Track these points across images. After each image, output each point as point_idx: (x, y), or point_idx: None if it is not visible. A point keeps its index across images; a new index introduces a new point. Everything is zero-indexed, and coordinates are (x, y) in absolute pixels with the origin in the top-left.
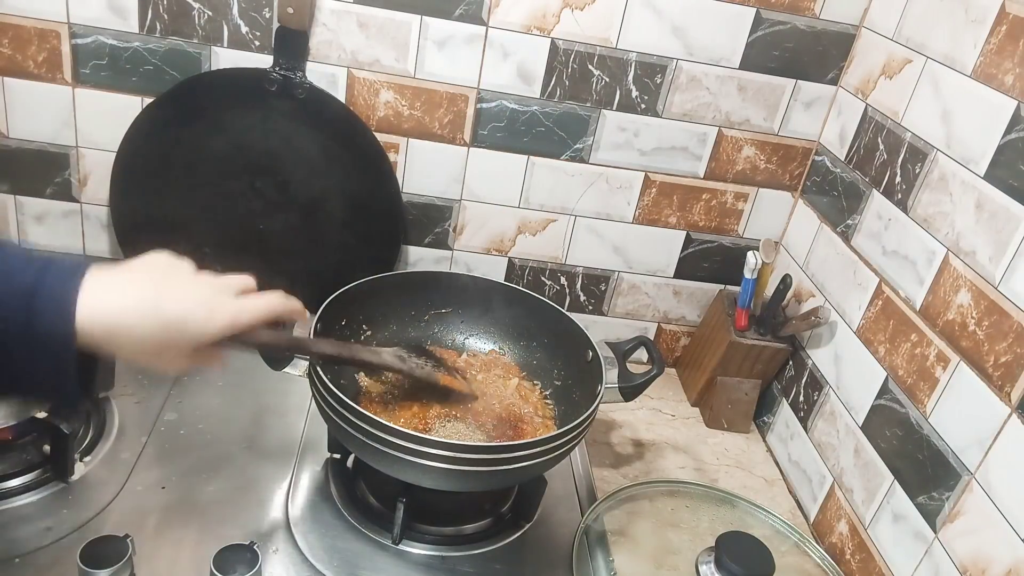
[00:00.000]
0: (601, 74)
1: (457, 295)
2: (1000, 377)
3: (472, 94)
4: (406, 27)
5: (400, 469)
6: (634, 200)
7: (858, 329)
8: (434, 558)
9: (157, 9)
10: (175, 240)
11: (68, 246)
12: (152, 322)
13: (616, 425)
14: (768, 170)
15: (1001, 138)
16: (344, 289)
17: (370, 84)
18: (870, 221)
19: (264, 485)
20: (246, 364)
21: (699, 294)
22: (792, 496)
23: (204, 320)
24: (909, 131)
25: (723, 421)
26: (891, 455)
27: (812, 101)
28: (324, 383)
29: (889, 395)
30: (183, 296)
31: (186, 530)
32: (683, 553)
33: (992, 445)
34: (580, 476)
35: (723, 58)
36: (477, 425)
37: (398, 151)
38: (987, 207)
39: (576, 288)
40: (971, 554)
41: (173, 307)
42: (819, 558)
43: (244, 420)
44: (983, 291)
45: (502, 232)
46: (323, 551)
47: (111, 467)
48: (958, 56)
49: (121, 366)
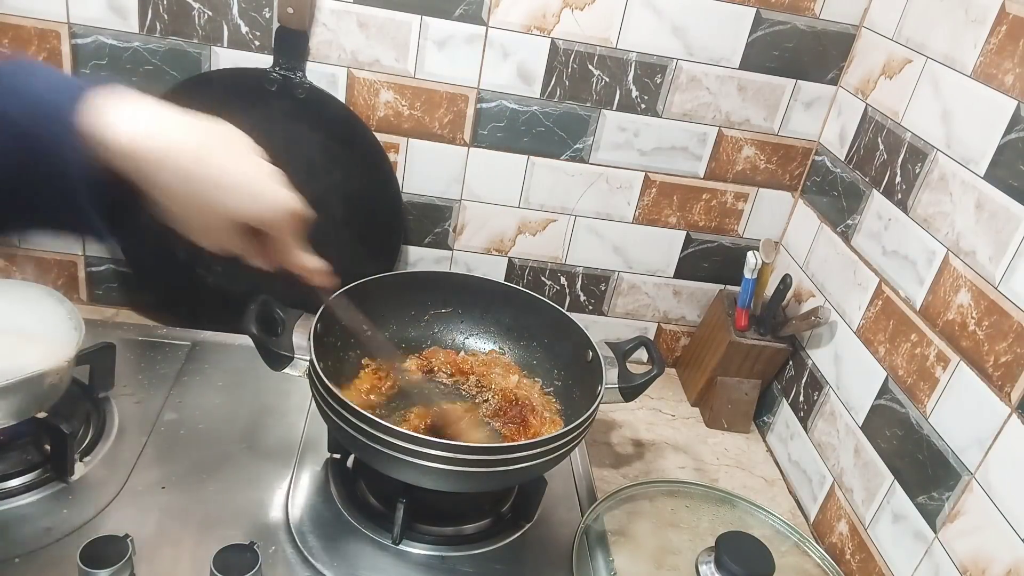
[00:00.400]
0: (601, 74)
1: (457, 295)
2: (1000, 377)
3: (472, 94)
4: (406, 27)
5: (400, 470)
6: (634, 200)
7: (858, 329)
8: (434, 558)
9: (157, 9)
10: (175, 240)
11: (68, 246)
12: (189, 168)
13: (616, 425)
14: (768, 170)
15: (1001, 138)
16: (344, 289)
17: (370, 84)
18: (870, 221)
19: (264, 485)
20: (246, 364)
21: (699, 294)
22: (792, 496)
23: (250, 185)
24: (909, 131)
25: (723, 421)
26: (891, 455)
27: (812, 101)
28: (324, 383)
29: (889, 395)
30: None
31: (186, 530)
32: (683, 553)
33: (992, 445)
34: (580, 476)
35: (723, 58)
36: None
37: (398, 151)
38: (987, 207)
39: (576, 288)
40: (971, 554)
41: (219, 159)
42: (819, 558)
43: (244, 420)
44: (983, 291)
45: (502, 232)
46: (323, 551)
47: (111, 467)
48: (958, 56)
49: (121, 366)
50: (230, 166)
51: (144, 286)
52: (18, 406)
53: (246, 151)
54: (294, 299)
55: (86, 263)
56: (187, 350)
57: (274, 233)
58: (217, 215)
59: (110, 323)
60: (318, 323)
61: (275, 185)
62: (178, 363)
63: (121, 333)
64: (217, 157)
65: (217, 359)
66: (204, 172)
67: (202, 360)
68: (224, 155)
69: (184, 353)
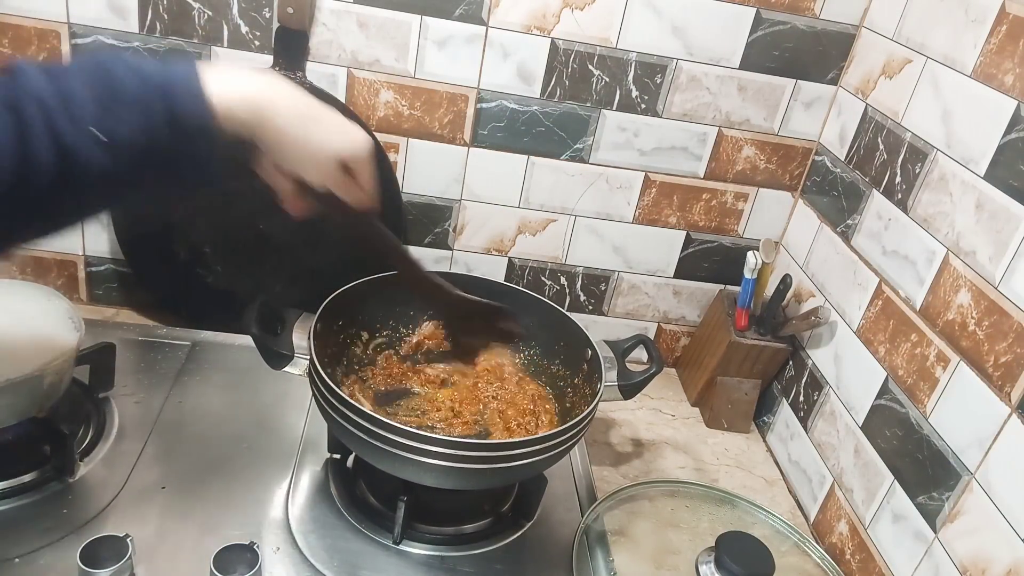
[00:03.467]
0: (601, 74)
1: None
2: (1000, 377)
3: (472, 94)
4: (406, 27)
5: (400, 467)
6: (634, 200)
7: (858, 329)
8: (434, 558)
9: (157, 9)
10: (175, 240)
11: (68, 246)
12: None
13: (616, 425)
14: (768, 170)
15: (1001, 138)
16: (344, 289)
17: (370, 84)
18: (870, 221)
19: (264, 485)
20: (246, 364)
21: (699, 294)
22: (792, 496)
23: (342, 124)
24: (909, 131)
25: (723, 421)
26: (891, 455)
27: (812, 101)
28: (324, 382)
29: (889, 395)
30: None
31: (186, 530)
32: (683, 553)
33: (992, 445)
34: (580, 476)
35: (723, 58)
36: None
37: (398, 151)
38: (987, 207)
39: (576, 288)
40: (971, 554)
41: (311, 103)
42: (819, 558)
43: (244, 420)
44: (983, 291)
45: (502, 232)
46: (323, 551)
47: (111, 467)
48: (958, 56)
49: (121, 366)
50: (323, 113)
51: (144, 286)
52: (18, 406)
53: (320, 102)
54: (294, 299)
55: (86, 263)
56: (187, 350)
57: (359, 167)
58: (322, 151)
59: (110, 323)
60: (318, 322)
61: (354, 126)
62: (178, 363)
63: (121, 333)
64: (312, 106)
65: (217, 359)
66: (308, 116)
67: (202, 360)
68: (313, 105)
69: (184, 353)
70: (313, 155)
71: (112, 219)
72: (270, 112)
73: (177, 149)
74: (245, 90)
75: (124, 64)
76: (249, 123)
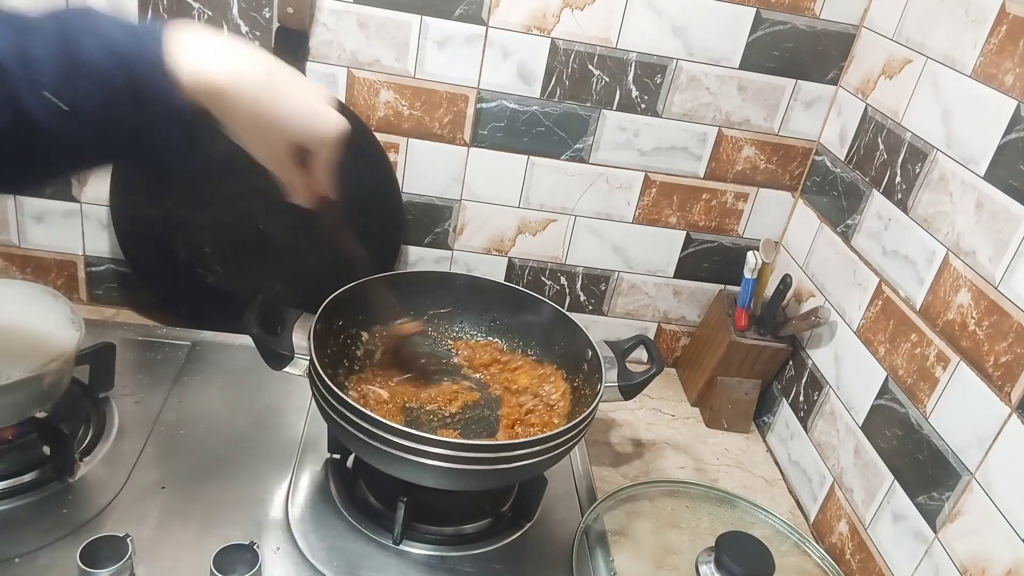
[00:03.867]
0: (601, 74)
1: (457, 295)
2: (1000, 377)
3: (472, 94)
4: (406, 27)
5: (400, 468)
6: (634, 200)
7: (858, 329)
8: (434, 558)
9: (157, 9)
10: (175, 240)
11: (68, 246)
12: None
13: (616, 425)
14: (768, 170)
15: (1001, 138)
16: (344, 289)
17: (370, 84)
18: (870, 221)
19: (264, 485)
20: (246, 364)
21: (699, 294)
22: (792, 496)
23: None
24: (909, 131)
25: (723, 421)
26: (891, 455)
27: (812, 101)
28: (324, 381)
29: (889, 395)
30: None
31: (186, 530)
32: (683, 553)
33: (992, 445)
34: (580, 476)
35: (723, 58)
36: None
37: (398, 151)
38: (987, 207)
39: (576, 288)
40: (971, 554)
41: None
42: (819, 558)
43: (244, 420)
44: (983, 291)
45: (502, 232)
46: (323, 551)
47: (111, 467)
48: (958, 56)
49: (121, 366)
50: (289, 91)
51: (144, 286)
52: (18, 406)
53: (299, 78)
54: (294, 299)
55: (86, 263)
56: (187, 350)
57: (322, 152)
58: (274, 129)
59: (110, 323)
60: (318, 322)
61: (327, 108)
62: (178, 363)
63: (121, 333)
64: (278, 83)
65: (217, 359)
66: (268, 96)
67: (202, 360)
68: (283, 82)
69: (184, 353)
70: (263, 133)
71: (112, 219)
72: (230, 83)
73: (141, 120)
74: (212, 61)
75: (91, 30)
76: (208, 95)
